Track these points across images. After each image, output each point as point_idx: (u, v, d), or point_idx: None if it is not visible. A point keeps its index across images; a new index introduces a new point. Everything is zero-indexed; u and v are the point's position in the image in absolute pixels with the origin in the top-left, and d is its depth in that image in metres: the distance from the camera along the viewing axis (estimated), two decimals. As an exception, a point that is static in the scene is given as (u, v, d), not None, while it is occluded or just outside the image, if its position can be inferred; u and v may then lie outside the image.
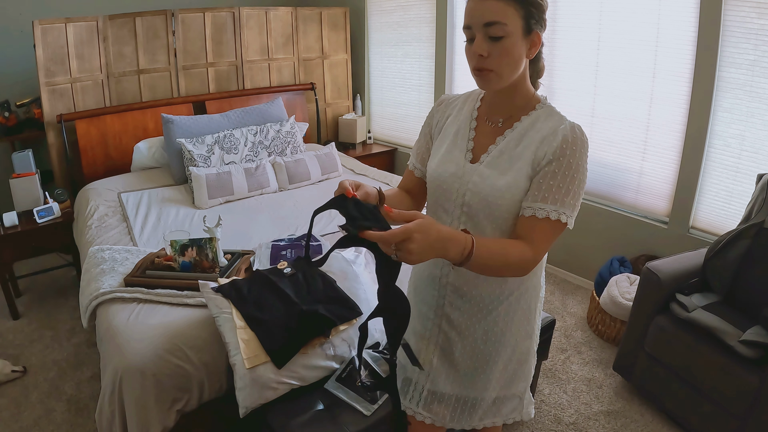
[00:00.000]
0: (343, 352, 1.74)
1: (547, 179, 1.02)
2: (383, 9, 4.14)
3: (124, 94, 3.44)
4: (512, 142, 1.09)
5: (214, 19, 3.65)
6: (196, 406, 1.71)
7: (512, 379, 1.22)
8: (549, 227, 1.02)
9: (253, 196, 3.08)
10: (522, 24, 1.00)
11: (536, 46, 1.04)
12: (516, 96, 1.10)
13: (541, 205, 1.01)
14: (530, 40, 1.02)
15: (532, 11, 1.00)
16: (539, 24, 1.02)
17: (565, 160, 1.01)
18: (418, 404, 1.25)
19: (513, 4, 0.98)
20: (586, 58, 2.87)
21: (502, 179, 1.06)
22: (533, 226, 1.02)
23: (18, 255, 2.83)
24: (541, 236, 1.02)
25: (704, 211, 2.60)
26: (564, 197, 1.01)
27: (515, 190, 1.05)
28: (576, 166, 1.02)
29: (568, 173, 1.01)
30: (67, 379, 2.35)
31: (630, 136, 2.81)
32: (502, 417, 1.26)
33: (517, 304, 1.16)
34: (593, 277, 2.96)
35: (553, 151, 1.02)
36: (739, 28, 2.28)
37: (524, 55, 1.03)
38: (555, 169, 1.02)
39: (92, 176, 3.27)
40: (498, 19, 0.98)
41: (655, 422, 2.09)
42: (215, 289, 1.77)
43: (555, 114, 1.09)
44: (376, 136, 4.56)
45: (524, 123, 1.09)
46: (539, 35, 1.03)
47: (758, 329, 1.79)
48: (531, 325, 1.20)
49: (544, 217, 1.01)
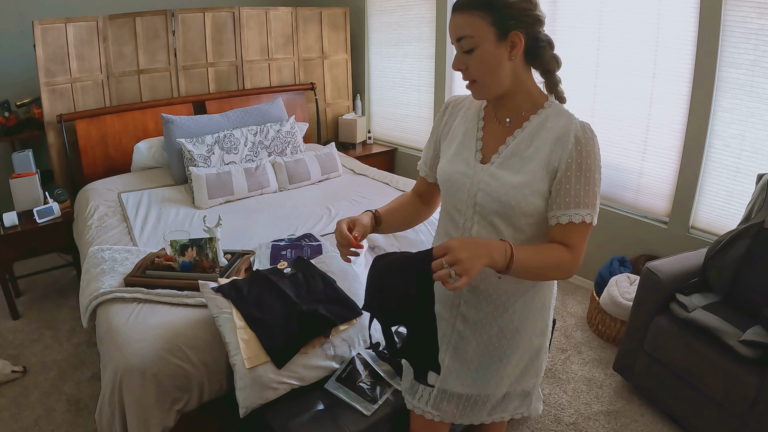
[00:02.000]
0: (343, 352, 1.74)
1: (572, 184, 1.03)
2: (383, 9, 4.14)
3: (124, 94, 3.44)
4: (524, 143, 1.08)
5: (214, 19, 3.65)
6: (196, 406, 1.71)
7: (523, 375, 1.23)
8: (585, 230, 1.05)
9: (253, 196, 3.08)
10: (493, 30, 1.00)
11: (518, 47, 1.02)
12: (519, 97, 1.10)
13: (575, 210, 1.03)
14: (509, 42, 1.01)
15: (504, 13, 0.99)
16: (521, 22, 1.01)
17: (583, 162, 1.02)
18: (428, 403, 1.25)
19: (478, 14, 0.99)
20: (586, 58, 2.88)
21: (515, 180, 1.06)
22: (570, 232, 1.04)
23: (18, 255, 2.83)
24: (579, 240, 1.05)
25: (704, 211, 2.60)
26: (585, 198, 1.03)
27: (528, 190, 1.05)
28: (593, 166, 1.03)
29: (588, 175, 1.03)
30: (67, 379, 2.35)
31: (630, 136, 2.81)
32: (509, 412, 1.27)
33: (533, 301, 1.17)
34: (593, 277, 2.96)
35: (569, 155, 1.03)
36: (739, 28, 2.28)
37: (505, 59, 1.02)
38: (577, 173, 1.03)
39: (92, 176, 3.27)
40: (464, 33, 1.01)
41: (655, 422, 2.09)
42: (215, 289, 1.77)
43: (564, 112, 1.08)
44: (376, 136, 4.56)
45: (533, 122, 1.09)
46: (519, 34, 1.01)
47: (758, 329, 1.79)
48: (545, 321, 1.21)
49: (580, 222, 1.03)
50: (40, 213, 2.84)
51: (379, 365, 1.72)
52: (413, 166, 4.14)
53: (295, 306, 1.73)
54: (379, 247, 2.31)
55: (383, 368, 1.71)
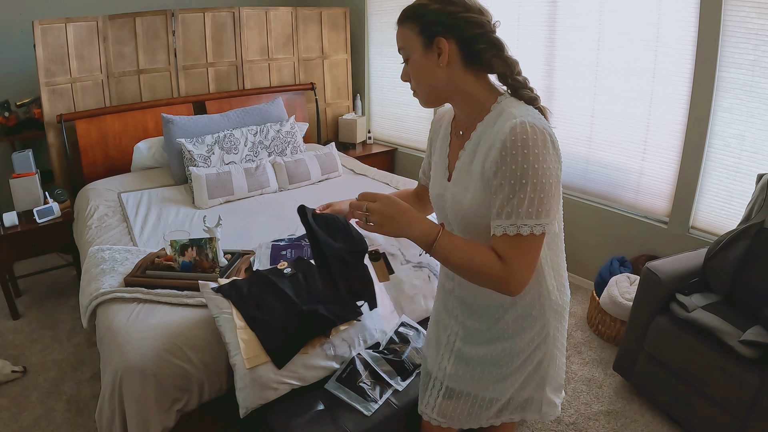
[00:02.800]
0: (344, 352, 1.74)
1: (498, 194, 0.96)
2: (383, 9, 4.14)
3: (124, 94, 3.44)
4: (468, 156, 1.07)
5: (214, 19, 3.65)
6: (196, 406, 1.71)
7: (526, 383, 1.20)
8: (522, 242, 0.95)
9: (253, 196, 3.08)
10: (421, 39, 1.02)
11: (444, 52, 1.01)
12: (466, 104, 1.08)
13: (498, 222, 0.96)
14: (435, 49, 1.01)
15: (430, 20, 1.00)
16: (448, 28, 1.00)
17: (508, 169, 0.93)
18: (433, 410, 1.27)
19: (408, 25, 1.04)
20: (586, 58, 2.87)
21: (466, 195, 1.05)
22: (502, 244, 0.97)
23: (18, 255, 2.83)
24: (514, 253, 0.96)
25: (704, 211, 2.60)
26: (519, 208, 0.93)
27: (478, 206, 1.03)
28: (524, 170, 0.92)
29: (524, 181, 0.92)
30: (67, 379, 2.35)
31: (630, 136, 2.81)
32: (519, 414, 1.26)
33: (525, 310, 1.14)
34: (593, 277, 2.96)
35: (494, 162, 0.95)
36: (739, 28, 2.28)
37: (434, 66, 1.02)
38: (501, 182, 0.95)
39: (92, 176, 3.27)
40: (399, 44, 1.07)
41: (655, 422, 2.09)
42: (215, 289, 1.77)
43: (504, 114, 1.00)
44: (376, 136, 4.56)
45: (478, 131, 1.05)
46: (442, 40, 1.00)
47: (758, 329, 1.78)
48: (545, 330, 1.16)
49: (515, 234, 0.95)
50: (40, 213, 2.84)
51: (379, 365, 1.72)
52: (413, 166, 4.14)
53: (295, 306, 1.73)
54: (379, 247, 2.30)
55: (384, 368, 1.71)
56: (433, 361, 1.29)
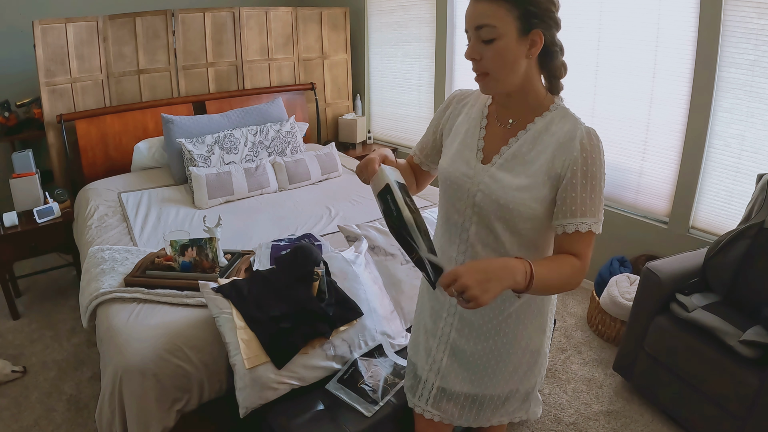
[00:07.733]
0: (344, 353, 1.74)
1: (578, 192, 1.02)
2: (383, 9, 4.14)
3: (124, 94, 3.44)
4: (526, 145, 1.07)
5: (214, 19, 3.65)
6: (196, 406, 1.71)
7: (523, 377, 1.22)
8: (590, 239, 1.04)
9: (253, 196, 3.08)
10: (517, 24, 0.97)
11: (537, 46, 1.00)
12: (526, 97, 1.08)
13: (581, 219, 1.02)
14: (529, 39, 0.99)
15: (531, 10, 0.97)
16: (543, 22, 0.99)
17: (588, 170, 1.01)
18: (428, 402, 1.25)
19: (505, 5, 0.96)
20: (586, 58, 2.88)
21: (515, 182, 1.05)
22: (576, 241, 1.03)
23: (18, 255, 2.83)
24: (585, 249, 1.04)
25: (704, 211, 2.60)
26: (591, 207, 1.03)
27: (528, 193, 1.03)
28: (598, 174, 1.02)
29: (594, 183, 1.02)
30: (67, 379, 2.35)
31: (630, 136, 2.81)
32: (509, 415, 1.27)
33: (530, 305, 1.16)
34: (593, 277, 2.96)
35: (574, 163, 1.01)
36: (739, 28, 2.28)
37: (522, 56, 1.00)
38: (582, 181, 1.01)
39: (92, 176, 3.27)
40: (487, 21, 0.97)
41: (655, 422, 2.09)
42: (215, 290, 1.77)
43: (569, 116, 1.06)
44: (376, 136, 4.56)
45: (538, 125, 1.07)
46: (540, 34, 0.99)
47: (758, 329, 1.79)
48: (544, 322, 1.20)
49: (587, 231, 1.03)
50: (40, 213, 2.84)
51: (382, 367, 1.72)
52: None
53: (295, 306, 1.73)
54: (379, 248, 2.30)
55: (386, 371, 1.71)
56: (423, 365, 1.27)
